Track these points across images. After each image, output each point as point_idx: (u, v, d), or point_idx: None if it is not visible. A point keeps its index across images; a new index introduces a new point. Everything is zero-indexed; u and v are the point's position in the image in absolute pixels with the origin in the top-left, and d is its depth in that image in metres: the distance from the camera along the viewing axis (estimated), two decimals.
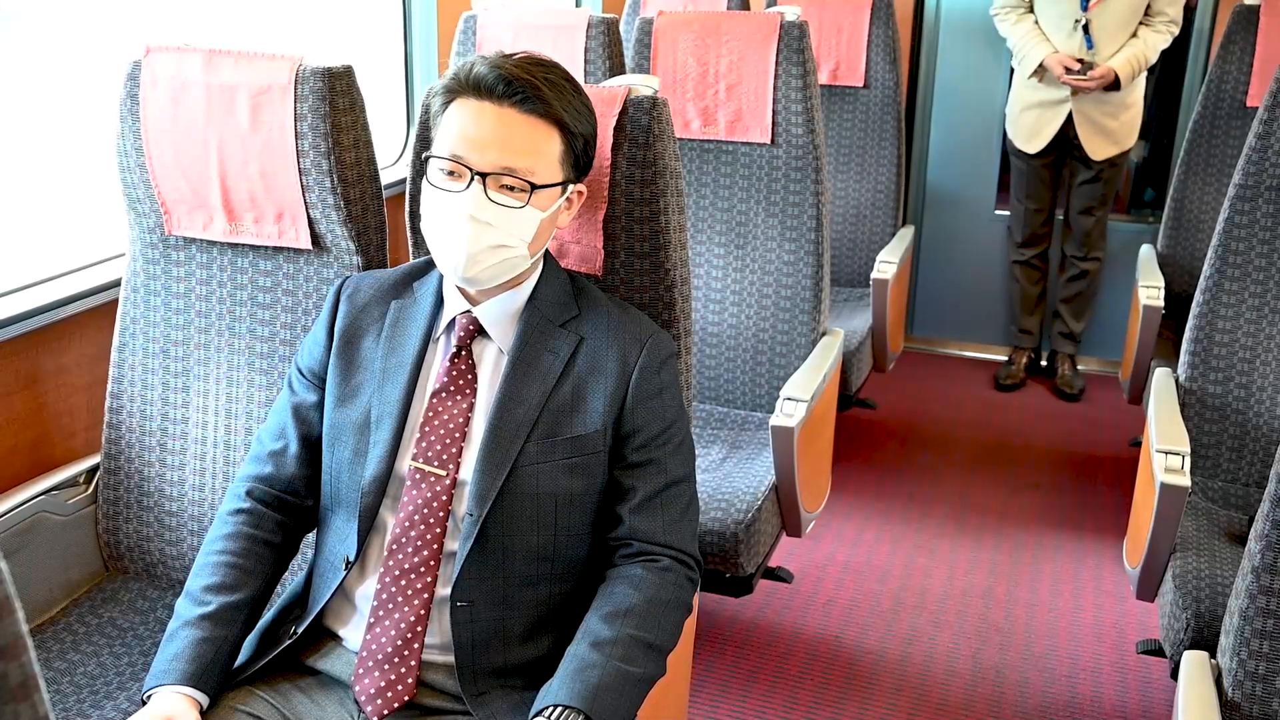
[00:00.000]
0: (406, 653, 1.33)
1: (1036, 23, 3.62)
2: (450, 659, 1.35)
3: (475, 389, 1.40)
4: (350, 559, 1.38)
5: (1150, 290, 2.97)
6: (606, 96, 1.56)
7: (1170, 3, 3.50)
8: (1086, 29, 3.51)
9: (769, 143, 2.53)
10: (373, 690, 1.32)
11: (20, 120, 2.32)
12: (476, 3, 2.88)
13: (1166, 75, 4.16)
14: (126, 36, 2.22)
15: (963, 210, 4.25)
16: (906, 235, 3.60)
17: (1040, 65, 3.57)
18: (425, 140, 1.44)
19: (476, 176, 1.33)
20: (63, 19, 2.36)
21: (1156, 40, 3.51)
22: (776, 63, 2.50)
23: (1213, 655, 1.45)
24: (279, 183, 1.63)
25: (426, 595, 1.34)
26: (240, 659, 1.39)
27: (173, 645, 1.32)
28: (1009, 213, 4.03)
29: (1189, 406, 2.26)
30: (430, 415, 1.39)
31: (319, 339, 1.48)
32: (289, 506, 1.46)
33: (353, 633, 1.38)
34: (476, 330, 1.42)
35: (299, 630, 1.39)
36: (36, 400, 1.82)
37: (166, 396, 1.77)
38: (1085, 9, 3.49)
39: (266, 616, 1.46)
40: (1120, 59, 3.49)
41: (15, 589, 0.54)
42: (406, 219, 1.68)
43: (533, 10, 2.69)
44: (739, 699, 2.36)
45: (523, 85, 1.33)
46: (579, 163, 1.42)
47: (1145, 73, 3.63)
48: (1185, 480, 1.93)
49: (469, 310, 1.42)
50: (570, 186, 1.43)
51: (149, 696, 1.29)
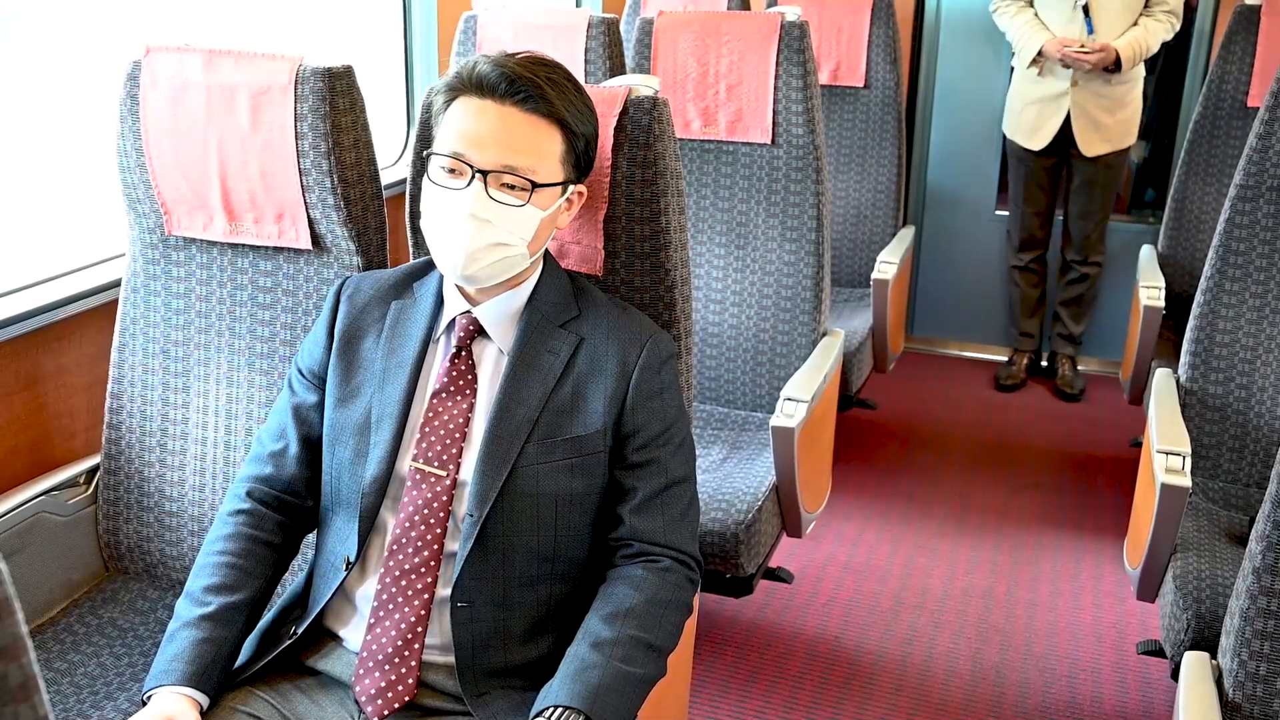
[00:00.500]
0: (407, 653, 1.33)
1: (1036, 15, 3.62)
2: (450, 659, 1.35)
3: (475, 389, 1.40)
4: (351, 559, 1.37)
5: (1151, 291, 2.97)
6: (607, 97, 1.56)
7: None
8: (1087, 11, 3.50)
9: (769, 143, 2.53)
10: (373, 691, 1.32)
11: (20, 120, 2.32)
12: (477, 3, 2.88)
13: (1167, 75, 4.16)
14: (127, 36, 2.22)
15: (963, 210, 4.25)
16: (907, 235, 3.60)
17: (1039, 54, 3.56)
18: (426, 138, 1.44)
19: (477, 174, 1.33)
20: (63, 19, 2.36)
21: (1158, 29, 3.50)
22: (777, 63, 2.50)
23: (1213, 656, 1.45)
24: (279, 183, 1.63)
25: (427, 596, 1.34)
26: (240, 659, 1.39)
27: (173, 646, 1.32)
28: (1008, 214, 4.03)
29: (1190, 407, 2.26)
30: (430, 416, 1.39)
31: (319, 339, 1.48)
32: (289, 507, 1.46)
33: (353, 633, 1.38)
34: (476, 330, 1.42)
35: (299, 630, 1.39)
36: (36, 400, 1.82)
37: (166, 397, 1.77)
38: None
39: (267, 617, 1.46)
40: (1122, 41, 3.48)
41: (15, 589, 0.54)
42: (407, 219, 1.68)
43: (533, 10, 2.69)
44: (739, 699, 2.35)
45: (526, 84, 1.33)
46: (580, 163, 1.42)
47: (1145, 75, 3.63)
48: (1186, 481, 1.93)
49: (469, 310, 1.42)
50: (571, 187, 1.43)
51: (149, 697, 1.29)
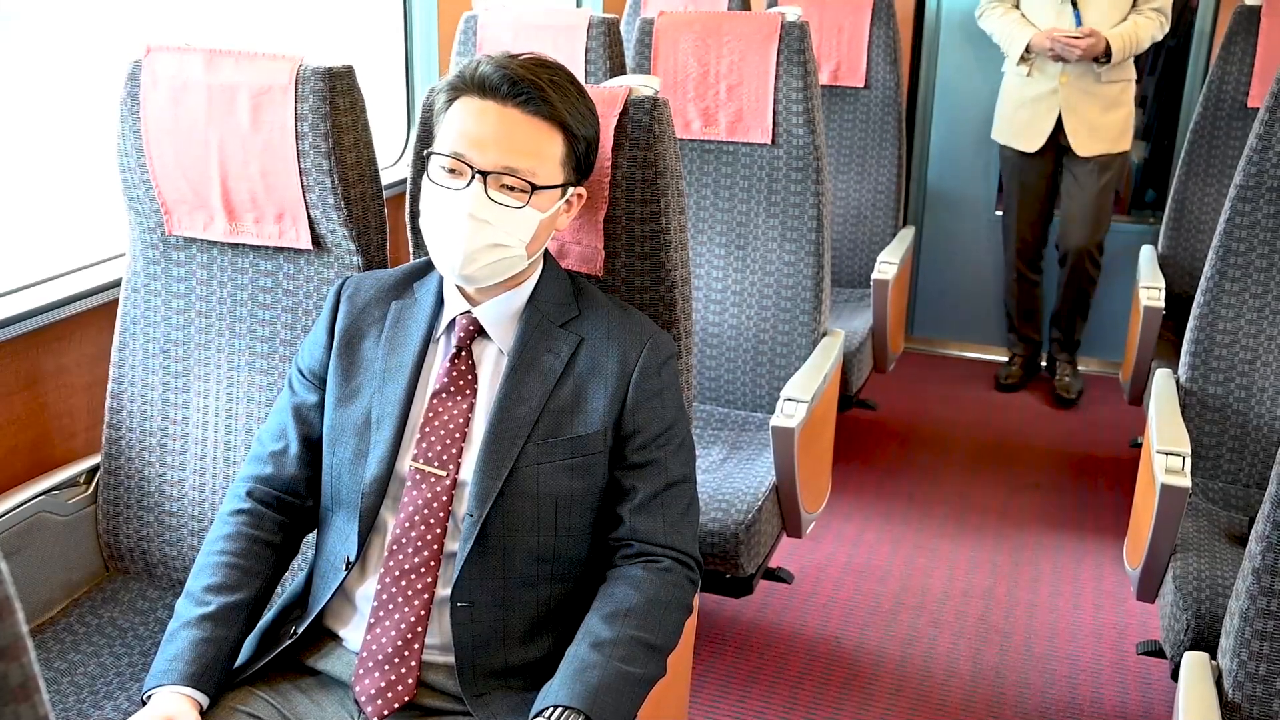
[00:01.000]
0: (407, 653, 1.33)
1: (1023, 15, 3.62)
2: (450, 659, 1.35)
3: (475, 389, 1.40)
4: (351, 559, 1.38)
5: (1151, 291, 2.97)
6: (607, 97, 1.56)
7: None
8: (1075, 5, 3.49)
9: (769, 143, 2.53)
10: (373, 690, 1.32)
11: (20, 120, 2.32)
12: (477, 3, 2.88)
13: (1167, 75, 4.16)
14: (127, 36, 2.22)
15: (963, 211, 4.25)
16: (907, 236, 3.60)
17: (1028, 50, 3.55)
18: (427, 138, 1.44)
19: (477, 175, 1.33)
20: (63, 19, 2.36)
21: (1148, 25, 3.48)
22: (777, 63, 2.50)
23: (1213, 656, 1.45)
24: (279, 183, 1.63)
25: (427, 596, 1.34)
26: (240, 659, 1.39)
27: (173, 645, 1.32)
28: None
29: (1189, 408, 2.26)
30: (430, 416, 1.39)
31: (319, 340, 1.48)
32: (289, 507, 1.46)
33: (353, 633, 1.38)
34: (476, 331, 1.42)
35: (299, 630, 1.39)
36: (36, 400, 1.82)
37: (166, 396, 1.77)
38: None
39: (267, 617, 1.46)
40: (1113, 32, 3.47)
41: (15, 589, 0.54)
42: (407, 219, 1.68)
43: (533, 10, 2.69)
44: (739, 699, 2.35)
45: (527, 86, 1.33)
46: (580, 165, 1.42)
47: (1136, 79, 3.62)
48: (1186, 481, 1.93)
49: (469, 311, 1.42)
50: (570, 189, 1.43)
51: (149, 697, 1.29)
